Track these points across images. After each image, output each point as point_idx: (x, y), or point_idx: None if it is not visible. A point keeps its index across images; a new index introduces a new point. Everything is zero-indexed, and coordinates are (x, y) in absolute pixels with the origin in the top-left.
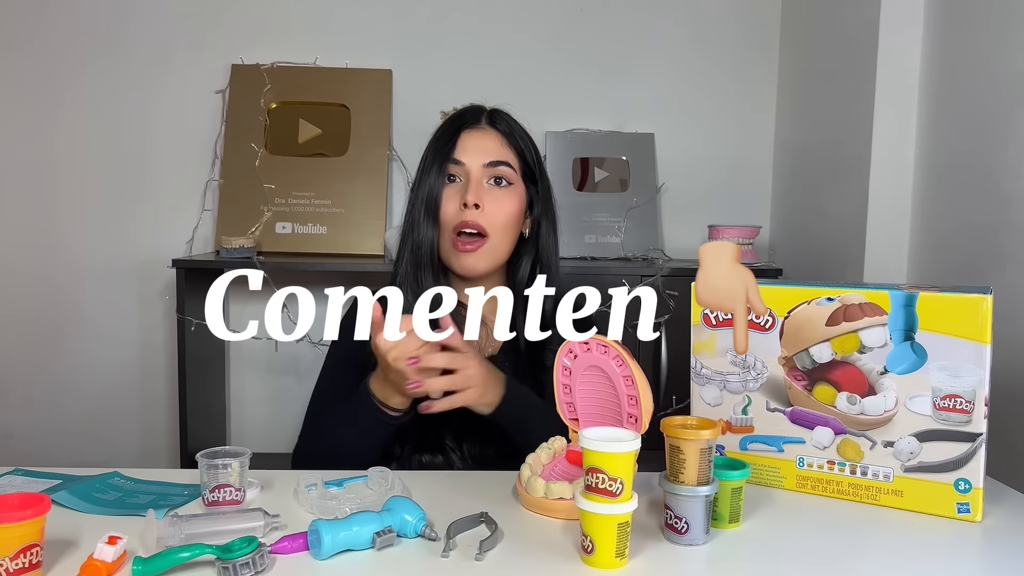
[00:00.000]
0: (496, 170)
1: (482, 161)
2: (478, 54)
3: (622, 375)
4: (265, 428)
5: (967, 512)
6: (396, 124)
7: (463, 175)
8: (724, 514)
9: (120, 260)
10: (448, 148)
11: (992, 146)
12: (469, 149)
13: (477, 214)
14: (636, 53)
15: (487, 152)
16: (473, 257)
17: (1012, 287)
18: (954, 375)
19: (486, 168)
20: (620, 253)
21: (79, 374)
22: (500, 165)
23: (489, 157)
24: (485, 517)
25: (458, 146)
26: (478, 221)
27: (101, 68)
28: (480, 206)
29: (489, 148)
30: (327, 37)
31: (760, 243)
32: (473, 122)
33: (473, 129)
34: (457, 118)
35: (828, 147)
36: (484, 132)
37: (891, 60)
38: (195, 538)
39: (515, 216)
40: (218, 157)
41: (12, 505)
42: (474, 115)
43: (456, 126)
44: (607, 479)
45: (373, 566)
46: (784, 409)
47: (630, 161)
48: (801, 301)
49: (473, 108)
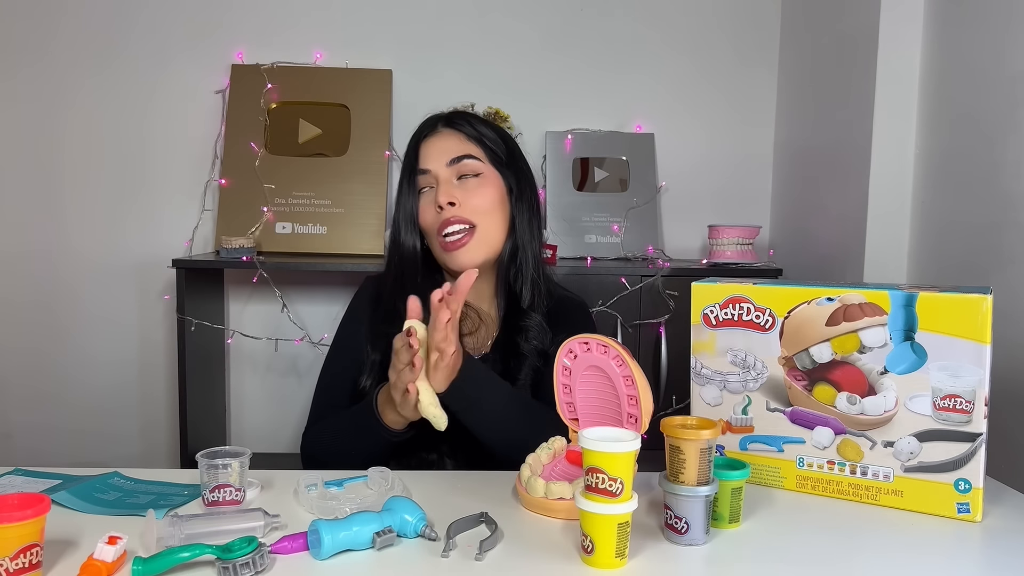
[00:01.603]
0: (460, 165)
1: (445, 161)
2: (478, 54)
3: (622, 375)
4: (265, 428)
5: (967, 512)
6: (396, 124)
7: (432, 181)
8: (724, 514)
9: (120, 260)
10: (412, 161)
11: (992, 146)
12: (430, 154)
13: (455, 210)
14: (636, 53)
15: (447, 151)
16: (464, 251)
17: (1012, 287)
18: (954, 375)
19: (450, 167)
20: (620, 253)
21: (79, 374)
22: (463, 159)
23: (450, 155)
24: (485, 517)
25: (420, 155)
26: (458, 216)
27: (101, 68)
28: (455, 203)
29: (449, 147)
30: (327, 37)
31: (760, 243)
32: (430, 129)
33: (431, 136)
34: (416, 132)
35: (828, 147)
36: (441, 135)
37: (891, 60)
38: (195, 538)
39: (496, 202)
40: (218, 157)
41: (12, 505)
42: (430, 123)
43: (415, 139)
44: (607, 479)
45: (373, 566)
46: (784, 409)
47: (630, 161)
48: (801, 301)
49: (430, 119)
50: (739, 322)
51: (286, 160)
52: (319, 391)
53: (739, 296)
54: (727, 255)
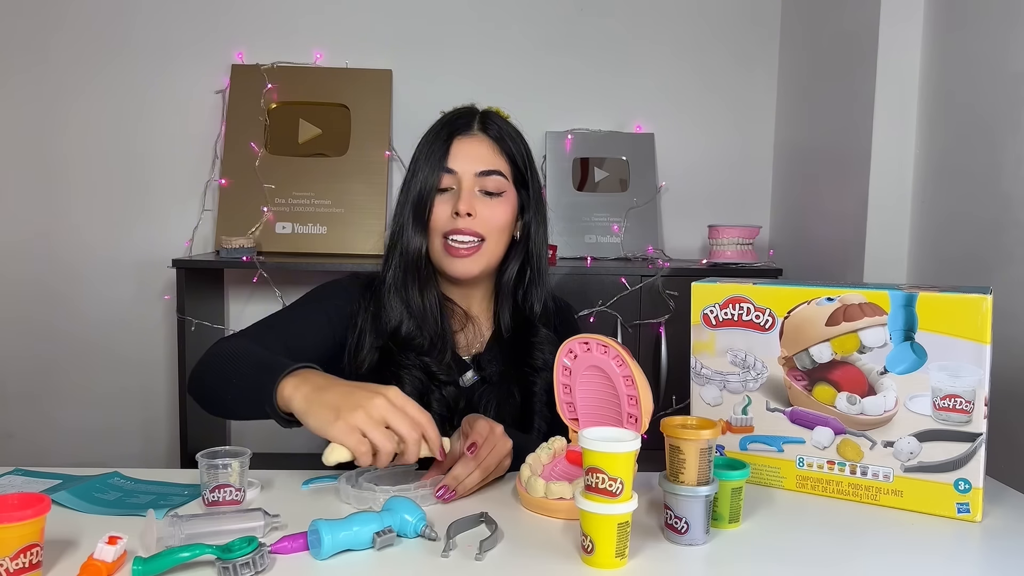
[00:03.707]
0: (488, 180)
1: (474, 170)
2: (478, 54)
3: (622, 375)
4: (265, 428)
5: (967, 512)
6: (396, 124)
7: (455, 183)
8: (724, 514)
9: (120, 260)
10: (440, 156)
11: (992, 146)
12: (461, 157)
13: (469, 221)
14: (636, 53)
15: (479, 161)
16: (468, 261)
17: (1012, 287)
18: (954, 375)
19: (478, 177)
20: (620, 253)
21: (79, 374)
22: (492, 175)
23: (481, 166)
24: (485, 517)
25: (451, 154)
26: (471, 227)
27: (101, 68)
28: (473, 215)
29: (481, 156)
30: (327, 37)
31: (760, 243)
32: (465, 128)
33: (465, 136)
34: (449, 123)
35: (828, 147)
36: (476, 139)
37: (891, 60)
38: (195, 538)
39: (508, 222)
40: (218, 157)
41: (12, 505)
42: (466, 121)
43: (448, 132)
44: (607, 479)
45: (373, 566)
46: (784, 409)
47: (630, 161)
48: (801, 301)
49: (465, 113)
50: (739, 322)
51: (286, 160)
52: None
53: (739, 296)
54: (727, 255)
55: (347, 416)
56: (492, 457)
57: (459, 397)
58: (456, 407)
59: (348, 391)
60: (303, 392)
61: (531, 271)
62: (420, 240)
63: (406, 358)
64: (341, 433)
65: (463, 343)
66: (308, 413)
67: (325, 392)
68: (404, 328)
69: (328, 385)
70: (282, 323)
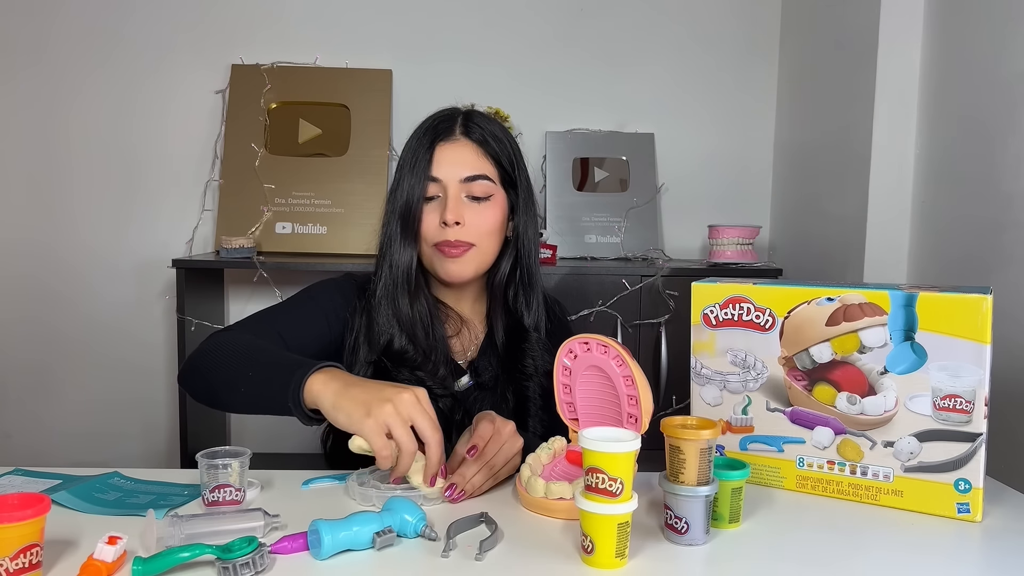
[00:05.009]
0: (474, 185)
1: (459, 176)
2: (478, 54)
3: (622, 375)
4: (265, 428)
5: (967, 512)
6: (396, 124)
7: (441, 191)
8: (724, 514)
9: (120, 260)
10: (424, 164)
11: (992, 145)
12: (445, 164)
13: (458, 230)
14: (636, 53)
15: (463, 166)
16: (461, 262)
17: (1013, 287)
18: (954, 375)
19: (463, 183)
20: (620, 253)
21: (79, 374)
22: (478, 179)
23: (466, 172)
24: (485, 517)
25: (434, 161)
26: (460, 237)
27: (101, 68)
28: (461, 223)
29: (465, 161)
30: (327, 37)
31: (760, 243)
32: (447, 134)
33: (447, 142)
34: (431, 128)
35: (828, 147)
36: (458, 144)
37: (891, 60)
38: (195, 538)
39: (498, 226)
40: (218, 157)
41: (12, 505)
42: (448, 125)
43: (430, 138)
44: (607, 479)
45: (373, 566)
46: (784, 409)
47: (630, 161)
48: (801, 301)
49: (446, 116)
50: (739, 322)
51: (286, 160)
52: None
53: (739, 296)
54: (727, 255)
55: (377, 411)
56: (499, 456)
57: (455, 408)
58: (452, 418)
59: (378, 387)
60: (332, 388)
61: (521, 270)
62: (410, 252)
63: (400, 373)
64: (371, 432)
65: (458, 348)
66: (338, 408)
67: (353, 388)
68: (396, 343)
69: (356, 382)
70: (280, 319)
